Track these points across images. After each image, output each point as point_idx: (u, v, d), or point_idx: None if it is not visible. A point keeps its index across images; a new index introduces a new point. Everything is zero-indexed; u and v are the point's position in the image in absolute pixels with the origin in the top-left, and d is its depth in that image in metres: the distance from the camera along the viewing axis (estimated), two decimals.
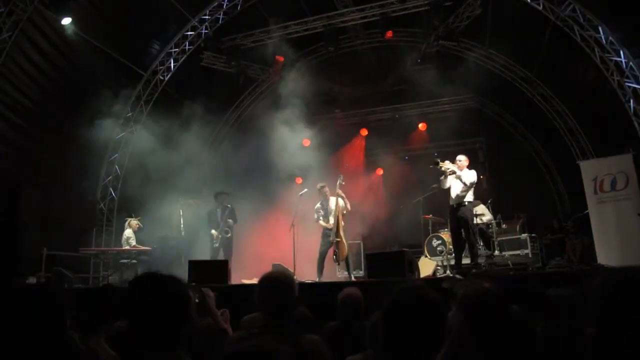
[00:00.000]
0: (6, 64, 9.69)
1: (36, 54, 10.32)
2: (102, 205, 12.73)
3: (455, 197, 7.64)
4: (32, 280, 6.15)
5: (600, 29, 10.08)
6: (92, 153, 12.19)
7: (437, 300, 1.49)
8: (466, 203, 7.53)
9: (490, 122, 14.59)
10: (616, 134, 10.78)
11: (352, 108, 14.68)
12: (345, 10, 12.15)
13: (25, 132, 10.40)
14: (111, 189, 12.93)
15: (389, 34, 11.91)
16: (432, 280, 7.35)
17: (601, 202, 9.83)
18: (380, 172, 14.10)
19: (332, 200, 8.63)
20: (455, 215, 7.64)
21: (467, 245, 7.79)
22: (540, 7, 10.46)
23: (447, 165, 7.79)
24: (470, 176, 7.58)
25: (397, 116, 13.91)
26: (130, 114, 12.97)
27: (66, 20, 10.13)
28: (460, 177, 7.57)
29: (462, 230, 7.62)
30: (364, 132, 14.71)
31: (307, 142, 12.78)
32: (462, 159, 7.83)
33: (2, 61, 9.50)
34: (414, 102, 13.98)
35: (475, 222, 9.82)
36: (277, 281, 2.28)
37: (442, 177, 7.88)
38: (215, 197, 10.21)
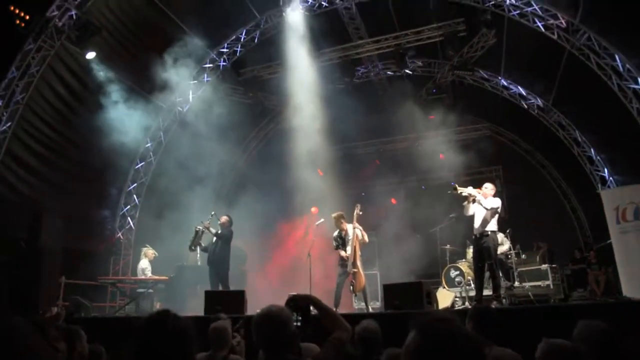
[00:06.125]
0: (32, 96, 10.05)
1: (60, 86, 10.68)
2: (120, 234, 12.87)
3: (479, 226, 7.45)
4: (55, 309, 6.15)
5: (617, 56, 10.06)
6: (111, 183, 12.43)
7: (474, 336, 1.37)
8: (489, 232, 7.32)
9: (507, 150, 14.53)
10: (637, 162, 10.61)
11: (367, 137, 14.76)
12: (361, 42, 12.37)
13: (48, 161, 10.66)
14: (129, 218, 13.09)
15: None
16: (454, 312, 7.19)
17: (624, 232, 9.59)
18: (394, 201, 14.03)
19: (349, 230, 8.54)
20: (478, 244, 7.46)
21: (489, 276, 7.59)
22: (555, 37, 10.51)
23: (468, 190, 7.62)
24: (492, 202, 7.40)
25: (417, 144, 13.91)
26: (149, 145, 13.25)
27: (90, 55, 10.50)
28: (480, 202, 7.41)
29: (485, 260, 7.40)
30: (379, 162, 14.74)
31: (321, 172, 12.82)
32: (489, 187, 7.63)
33: (29, 94, 9.86)
34: (430, 132, 13.99)
35: None
36: (271, 317, 2.30)
37: (465, 203, 7.70)
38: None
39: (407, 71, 13.51)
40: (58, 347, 2.49)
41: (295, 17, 11.90)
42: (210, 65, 13.33)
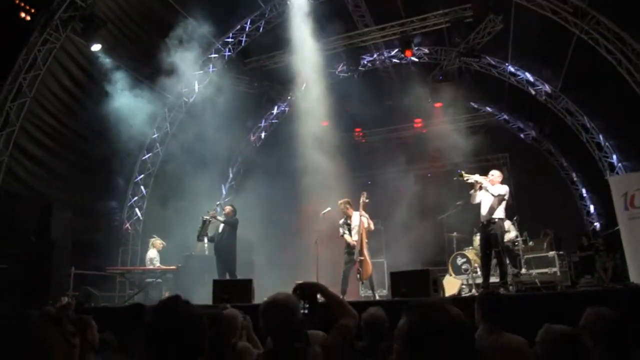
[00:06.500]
0: (39, 89, 10.08)
1: (67, 79, 10.70)
2: (127, 224, 12.97)
3: (486, 213, 7.42)
4: (65, 299, 6.22)
5: (626, 40, 9.91)
6: (118, 174, 12.50)
7: (466, 322, 1.36)
8: (496, 220, 7.29)
9: (514, 137, 14.44)
10: None
11: (373, 125, 14.72)
12: (366, 29, 12.28)
13: (55, 153, 10.73)
14: (137, 209, 13.18)
15: (409, 53, 11.96)
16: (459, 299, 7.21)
17: (632, 218, 9.51)
18: (402, 189, 14.00)
19: (356, 217, 8.55)
20: (485, 231, 7.44)
21: (495, 263, 7.58)
22: (563, 21, 10.36)
23: (475, 177, 7.58)
24: (499, 189, 7.36)
25: (423, 132, 13.85)
26: (156, 135, 13.28)
27: (96, 47, 10.50)
28: (487, 188, 7.38)
29: (492, 247, 7.38)
30: (386, 149, 14.67)
31: (328, 160, 12.78)
32: (495, 174, 7.60)
33: (36, 87, 9.89)
34: (436, 119, 13.93)
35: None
36: (278, 305, 2.32)
37: (472, 191, 7.67)
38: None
39: (413, 58, 13.41)
40: (73, 342, 2.52)
41: (299, 5, 11.81)
42: (216, 55, 13.29)
